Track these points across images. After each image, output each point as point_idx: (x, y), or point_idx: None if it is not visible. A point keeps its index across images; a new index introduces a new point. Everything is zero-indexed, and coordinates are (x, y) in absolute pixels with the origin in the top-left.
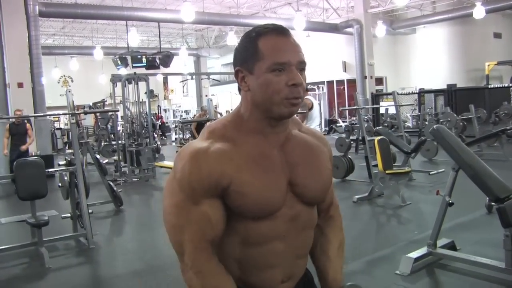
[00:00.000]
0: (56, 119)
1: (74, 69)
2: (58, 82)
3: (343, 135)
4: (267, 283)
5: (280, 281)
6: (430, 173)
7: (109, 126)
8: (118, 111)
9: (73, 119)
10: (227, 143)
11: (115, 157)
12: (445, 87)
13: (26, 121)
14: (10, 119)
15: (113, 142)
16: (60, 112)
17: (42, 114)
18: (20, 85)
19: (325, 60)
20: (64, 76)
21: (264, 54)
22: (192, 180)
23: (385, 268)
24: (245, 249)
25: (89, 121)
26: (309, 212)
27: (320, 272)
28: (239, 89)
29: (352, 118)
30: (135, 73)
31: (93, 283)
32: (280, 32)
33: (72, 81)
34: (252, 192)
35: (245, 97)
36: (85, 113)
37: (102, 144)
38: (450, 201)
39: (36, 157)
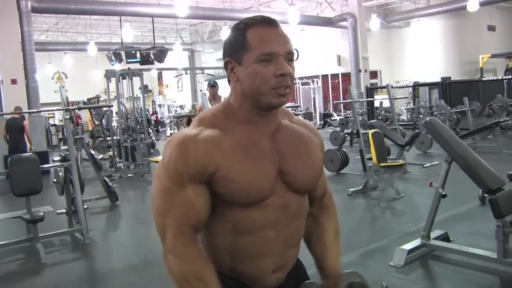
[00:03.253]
0: (51, 115)
1: (68, 65)
2: (52, 79)
3: (338, 129)
4: (258, 272)
5: (271, 271)
6: (424, 165)
7: (103, 122)
8: (112, 106)
9: (67, 115)
10: (216, 131)
11: (110, 153)
12: (439, 80)
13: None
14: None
15: (108, 138)
16: (54, 108)
17: (36, 110)
18: (13, 81)
19: (319, 54)
20: (58, 72)
21: (252, 45)
22: (179, 165)
23: (379, 260)
24: (236, 238)
25: (83, 117)
26: (300, 201)
27: (318, 261)
28: (229, 80)
29: (347, 111)
30: (129, 68)
31: (89, 278)
32: (268, 23)
33: (66, 77)
34: (239, 179)
35: (235, 88)
36: (79, 108)
37: (97, 140)
38: (443, 193)
39: (30, 153)
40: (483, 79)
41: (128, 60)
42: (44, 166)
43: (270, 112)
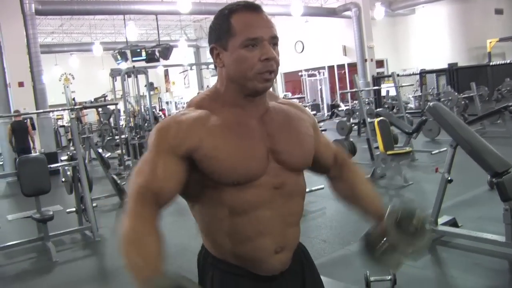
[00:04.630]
0: (60, 116)
1: (74, 66)
2: (60, 80)
3: (344, 119)
4: (259, 253)
5: (273, 251)
6: (432, 152)
7: (111, 121)
8: (117, 104)
9: (72, 114)
10: (204, 111)
11: (119, 151)
12: (446, 66)
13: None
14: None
15: (117, 137)
16: (59, 108)
17: (41, 111)
18: (20, 84)
19: (325, 45)
20: (65, 73)
21: (236, 31)
22: (157, 139)
23: None
24: (233, 219)
25: (92, 116)
26: (296, 180)
27: (364, 213)
28: (215, 66)
29: (354, 101)
30: (133, 66)
31: (99, 274)
32: (252, 8)
33: (73, 78)
34: (225, 157)
35: (221, 74)
36: (84, 108)
37: (106, 138)
38: (449, 178)
39: (38, 154)
40: (491, 63)
41: (133, 59)
42: (52, 165)
43: (257, 97)
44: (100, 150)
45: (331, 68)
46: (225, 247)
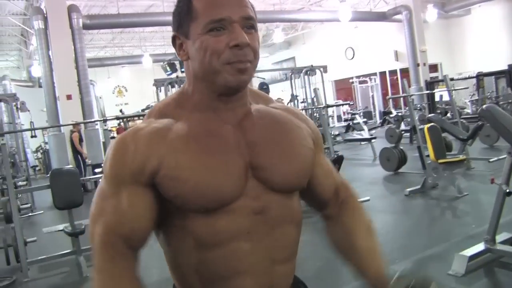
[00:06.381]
0: (114, 129)
1: (126, 79)
2: (113, 93)
3: (394, 126)
4: None
5: None
6: (490, 160)
7: None
8: (144, 115)
9: (105, 125)
10: (165, 120)
11: None
12: (506, 68)
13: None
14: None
15: None
16: (93, 119)
17: (74, 122)
18: (68, 97)
19: (376, 51)
20: (118, 86)
21: (198, 12)
22: (114, 166)
23: (436, 267)
24: (202, 253)
25: None
26: (284, 203)
27: (358, 272)
28: (180, 61)
29: (407, 108)
30: (177, 76)
31: None
32: None
33: (126, 90)
34: (191, 177)
35: (187, 69)
36: (118, 118)
37: None
38: (508, 190)
39: (70, 167)
40: None
41: (182, 70)
42: (84, 178)
43: (234, 97)
44: None
45: (382, 74)
46: (194, 287)
